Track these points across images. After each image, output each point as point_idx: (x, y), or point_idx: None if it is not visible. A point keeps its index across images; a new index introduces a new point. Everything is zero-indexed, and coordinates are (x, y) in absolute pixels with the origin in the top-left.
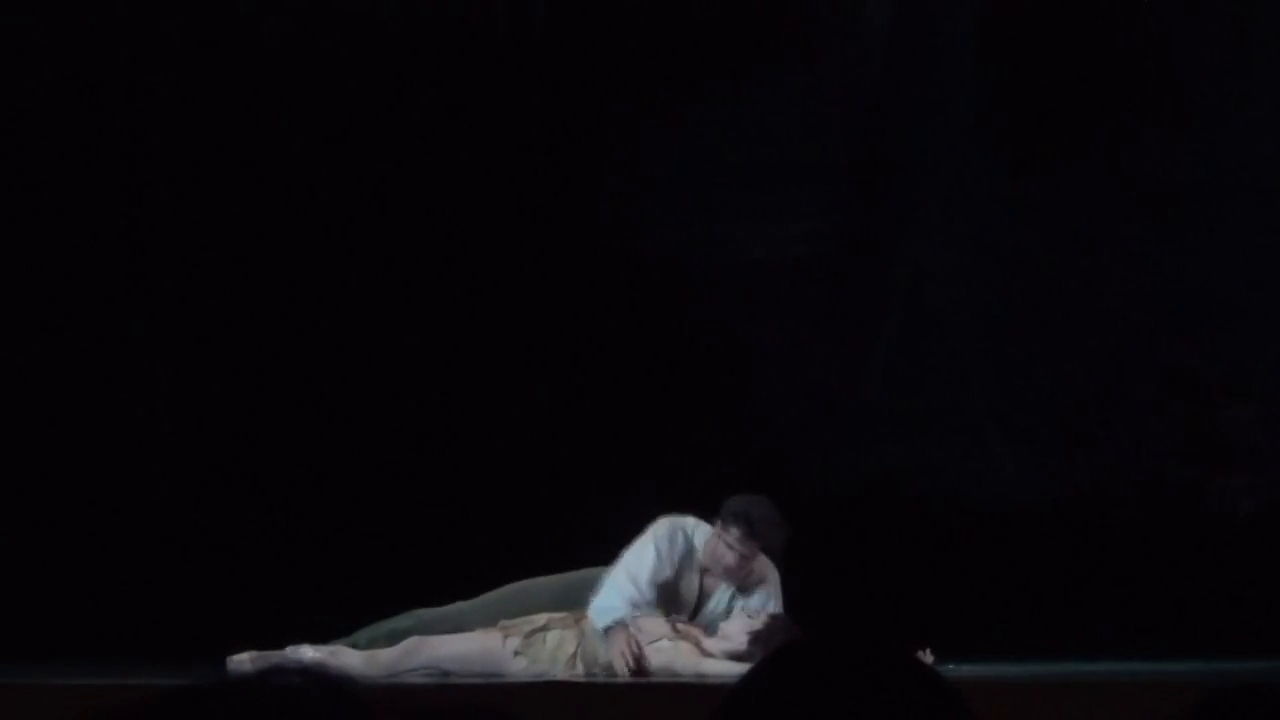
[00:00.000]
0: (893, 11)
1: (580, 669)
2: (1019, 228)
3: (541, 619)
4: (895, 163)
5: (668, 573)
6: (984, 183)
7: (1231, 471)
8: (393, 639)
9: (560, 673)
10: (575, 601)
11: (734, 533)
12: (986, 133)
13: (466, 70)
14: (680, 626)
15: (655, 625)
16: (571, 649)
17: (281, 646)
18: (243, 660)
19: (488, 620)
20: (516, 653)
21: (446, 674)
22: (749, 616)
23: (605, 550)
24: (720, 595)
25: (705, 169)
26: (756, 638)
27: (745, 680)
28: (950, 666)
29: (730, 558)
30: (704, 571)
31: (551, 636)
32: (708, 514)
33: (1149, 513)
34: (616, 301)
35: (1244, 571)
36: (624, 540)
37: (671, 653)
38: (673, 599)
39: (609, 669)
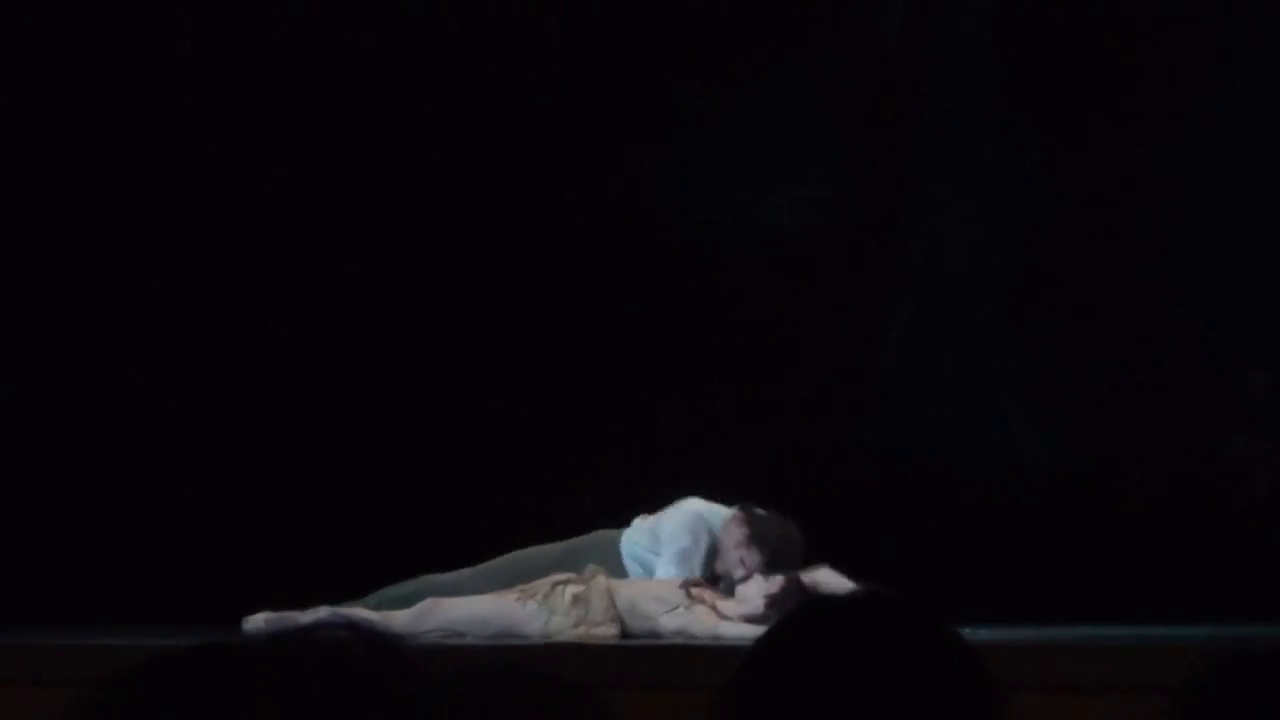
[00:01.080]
0: None
1: (601, 624)
2: (1036, 198)
3: (552, 581)
4: (911, 132)
5: (696, 572)
6: (1001, 153)
7: (1250, 440)
8: (400, 605)
9: (585, 623)
10: (577, 565)
11: (755, 559)
12: (1004, 103)
13: (480, 39)
14: (694, 590)
15: (667, 590)
16: (587, 601)
17: (295, 608)
18: (257, 621)
19: (493, 585)
20: (540, 608)
21: (462, 636)
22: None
23: (617, 520)
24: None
25: (719, 138)
26: (773, 600)
27: (763, 640)
28: (966, 630)
29: (740, 573)
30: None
31: (569, 590)
32: (720, 486)
33: (1165, 480)
34: (628, 271)
35: (1263, 538)
36: (634, 510)
37: (686, 617)
38: None
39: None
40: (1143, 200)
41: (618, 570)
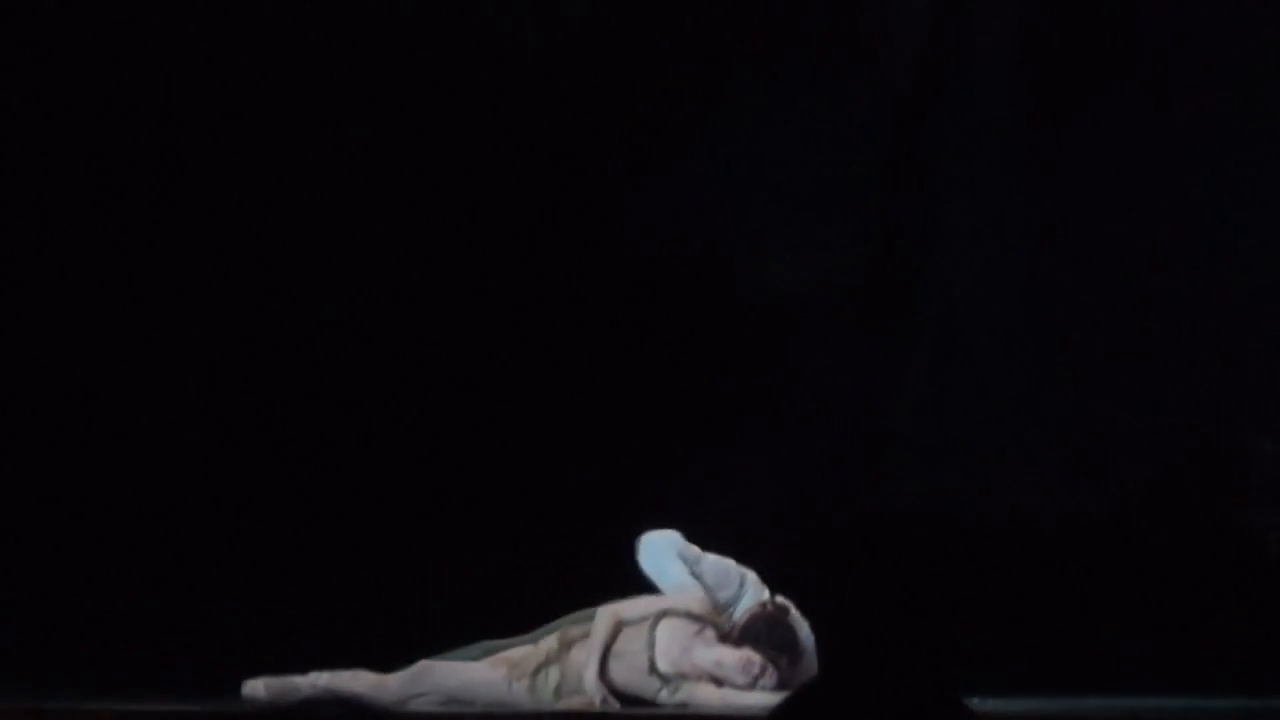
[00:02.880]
0: (922, 42)
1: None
2: (1048, 256)
3: (542, 652)
4: (924, 191)
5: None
6: (1014, 211)
7: (1259, 507)
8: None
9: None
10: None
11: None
12: (1017, 161)
13: (495, 89)
14: (707, 614)
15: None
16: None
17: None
18: (256, 686)
19: None
20: (528, 691)
21: (453, 702)
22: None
23: (635, 578)
24: None
25: (734, 200)
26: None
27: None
28: (975, 701)
29: (741, 680)
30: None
31: (554, 672)
32: (737, 542)
33: (1180, 544)
34: (647, 328)
35: (1273, 606)
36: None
37: (688, 691)
38: None
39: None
40: (1159, 258)
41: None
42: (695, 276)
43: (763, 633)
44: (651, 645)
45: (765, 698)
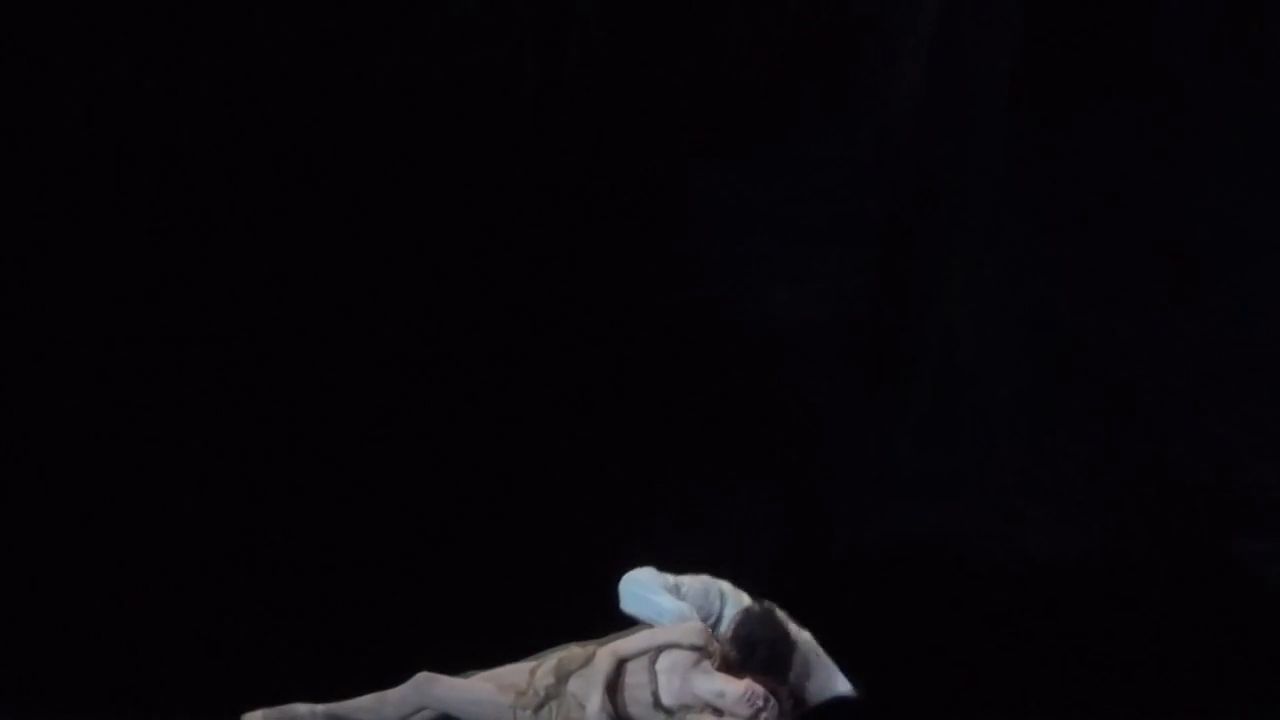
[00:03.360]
0: (925, 75)
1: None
2: (1049, 289)
3: (541, 688)
4: (926, 224)
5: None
6: (1015, 244)
7: (1259, 536)
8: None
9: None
10: None
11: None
12: (1017, 194)
13: (499, 123)
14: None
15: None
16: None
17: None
18: (255, 717)
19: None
20: (511, 704)
21: (453, 717)
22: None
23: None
24: None
25: (737, 231)
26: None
27: None
28: None
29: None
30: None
31: (555, 708)
32: (732, 572)
33: (1178, 576)
34: (645, 359)
35: (1273, 636)
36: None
37: None
38: None
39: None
40: (1156, 293)
41: None
42: (696, 307)
43: (758, 633)
44: (654, 679)
45: None
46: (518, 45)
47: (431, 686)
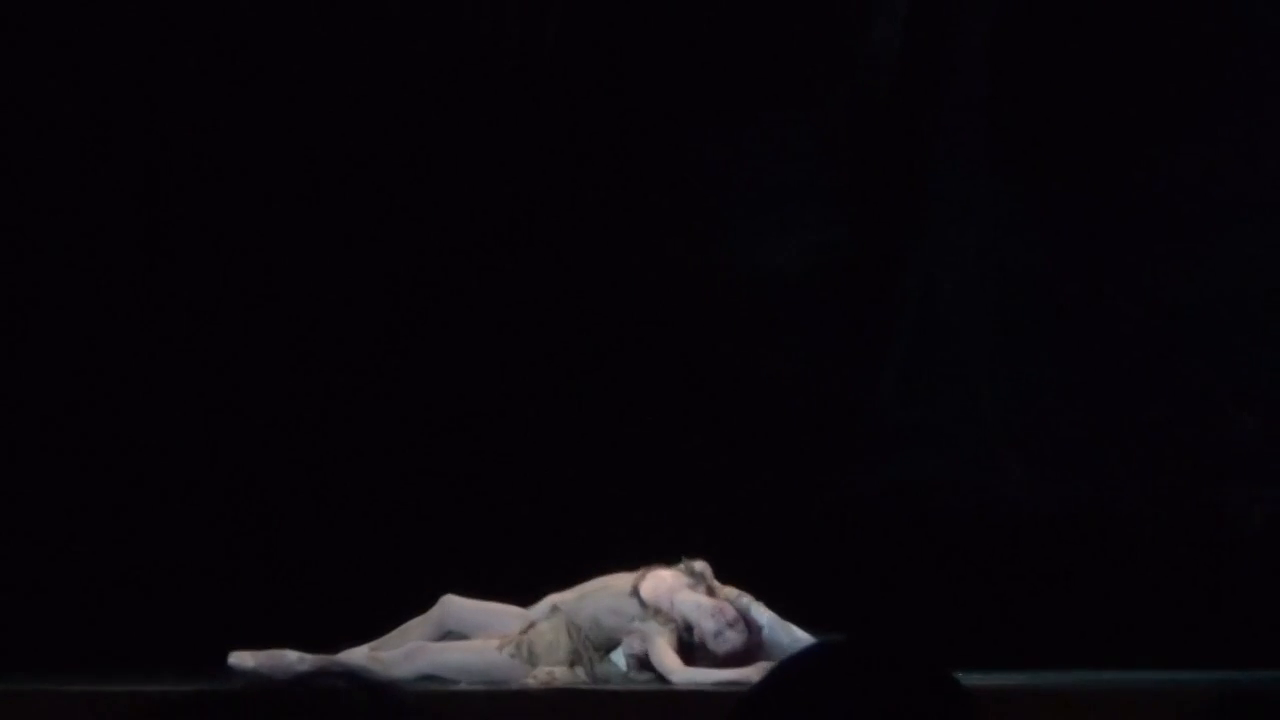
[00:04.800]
0: (905, 27)
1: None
2: (1029, 241)
3: (520, 629)
4: (906, 176)
5: None
6: (995, 196)
7: (1240, 483)
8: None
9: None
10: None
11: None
12: (998, 146)
13: (478, 86)
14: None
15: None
16: (564, 643)
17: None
18: (244, 658)
19: None
20: (511, 655)
21: (447, 680)
22: None
23: (614, 563)
24: None
25: (715, 183)
26: (720, 618)
27: (757, 688)
28: (960, 675)
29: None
30: None
31: (538, 633)
32: (714, 526)
33: (1159, 524)
34: (625, 314)
35: (1254, 582)
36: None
37: (648, 640)
38: None
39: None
40: (1134, 242)
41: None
42: (673, 264)
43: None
44: (642, 576)
45: (707, 675)
46: (499, 13)
47: (422, 655)
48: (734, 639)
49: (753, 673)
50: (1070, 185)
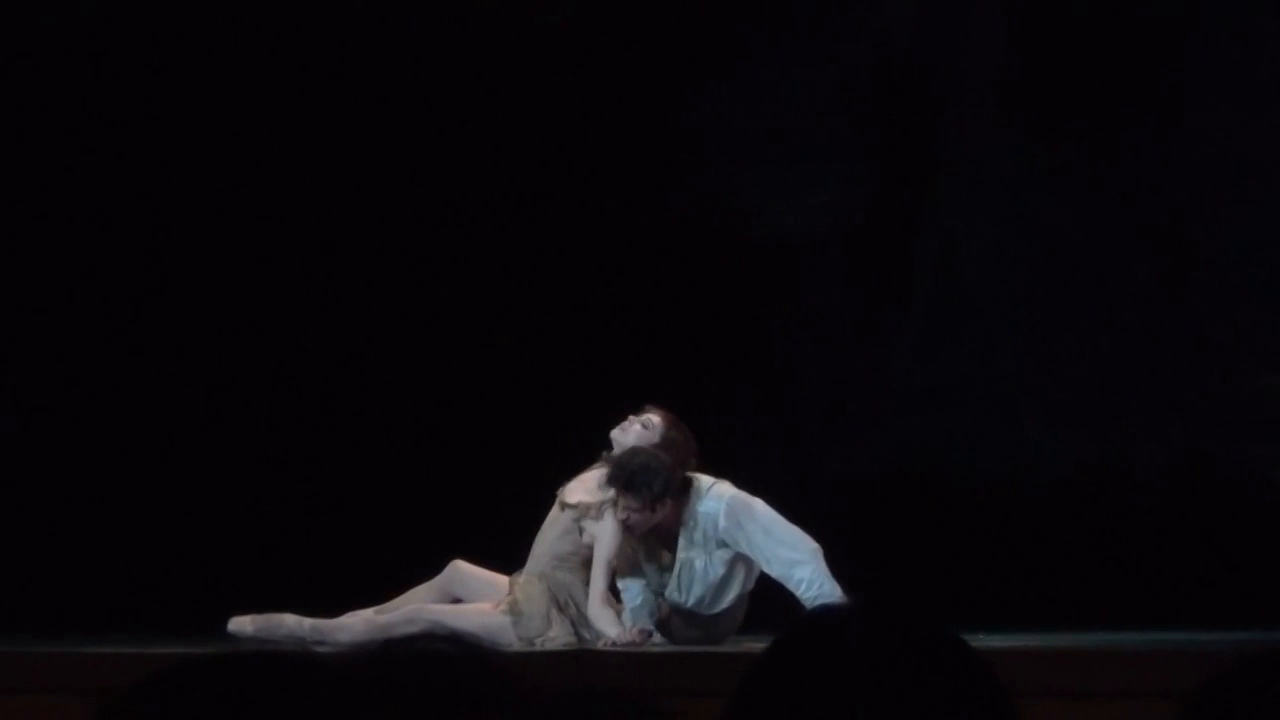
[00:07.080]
0: None
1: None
2: (1050, 199)
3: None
4: (925, 134)
5: None
6: (1015, 154)
7: (1263, 443)
8: None
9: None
10: None
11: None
12: (1018, 103)
13: (489, 42)
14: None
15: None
16: (541, 589)
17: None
18: (243, 623)
19: None
20: (504, 614)
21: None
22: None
23: None
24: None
25: (732, 142)
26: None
27: (769, 649)
28: (980, 636)
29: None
30: None
31: (518, 588)
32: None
33: (1180, 484)
34: (640, 273)
35: (1276, 542)
36: None
37: (599, 527)
38: None
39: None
40: (1158, 201)
41: None
42: (691, 223)
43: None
44: (561, 496)
45: (608, 624)
46: None
47: (421, 615)
48: (635, 430)
49: (638, 637)
50: (1092, 142)
